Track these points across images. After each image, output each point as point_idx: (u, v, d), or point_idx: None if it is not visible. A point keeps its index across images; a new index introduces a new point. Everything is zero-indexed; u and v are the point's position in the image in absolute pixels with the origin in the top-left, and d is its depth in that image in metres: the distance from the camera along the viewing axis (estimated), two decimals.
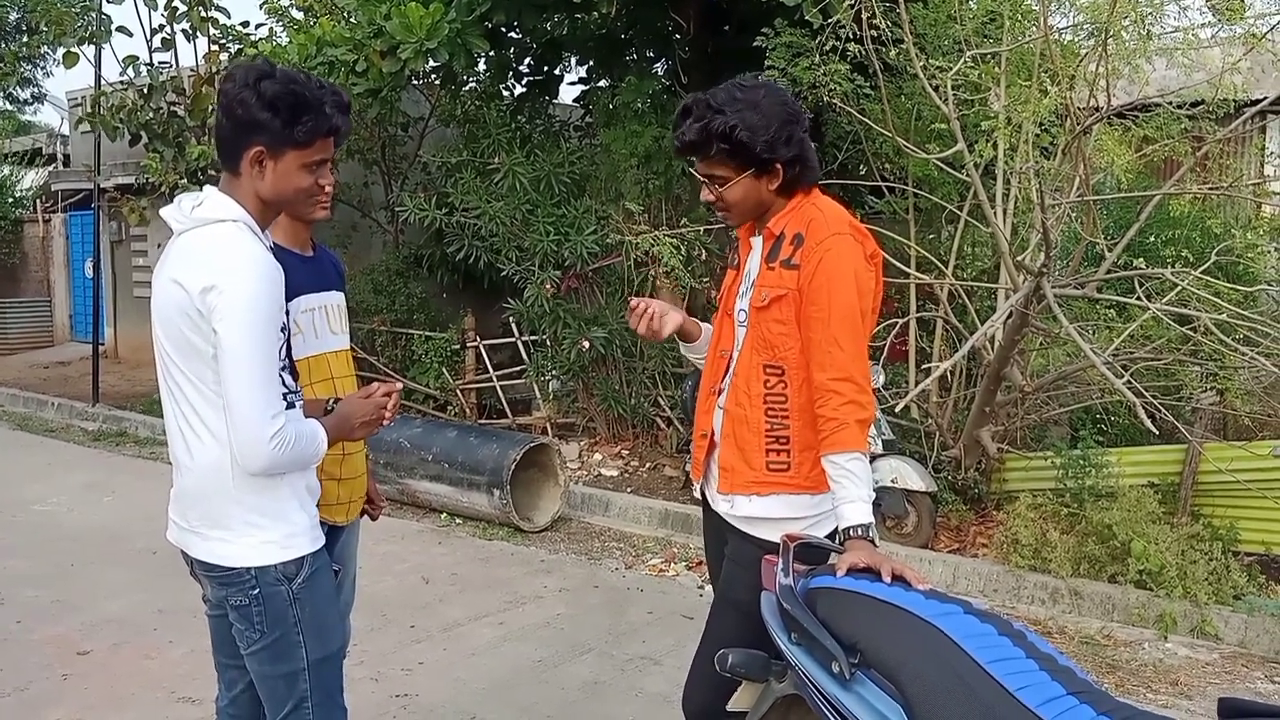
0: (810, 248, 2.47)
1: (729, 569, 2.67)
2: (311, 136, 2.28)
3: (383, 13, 7.80)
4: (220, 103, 2.29)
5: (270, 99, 2.22)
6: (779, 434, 2.55)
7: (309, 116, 2.26)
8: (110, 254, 14.01)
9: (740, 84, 2.53)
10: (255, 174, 2.28)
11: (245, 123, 2.24)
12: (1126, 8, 5.06)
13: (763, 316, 2.54)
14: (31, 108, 25.86)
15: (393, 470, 7.04)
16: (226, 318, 2.15)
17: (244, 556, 2.30)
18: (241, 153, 2.26)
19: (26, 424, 10.74)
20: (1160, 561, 5.12)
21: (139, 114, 9.44)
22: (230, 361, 2.16)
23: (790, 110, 2.52)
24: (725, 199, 2.57)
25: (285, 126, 2.24)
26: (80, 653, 4.63)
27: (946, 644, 1.98)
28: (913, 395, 5.67)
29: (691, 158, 2.62)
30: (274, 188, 2.29)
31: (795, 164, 2.52)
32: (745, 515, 2.59)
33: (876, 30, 5.67)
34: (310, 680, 2.39)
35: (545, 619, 5.16)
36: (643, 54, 10.02)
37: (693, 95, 2.58)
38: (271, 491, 2.31)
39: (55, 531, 6.54)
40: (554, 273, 8.24)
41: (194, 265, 2.20)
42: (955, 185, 6.63)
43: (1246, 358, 5.28)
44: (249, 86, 2.22)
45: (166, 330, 2.27)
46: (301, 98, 2.26)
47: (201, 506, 2.33)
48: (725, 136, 2.46)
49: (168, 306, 2.25)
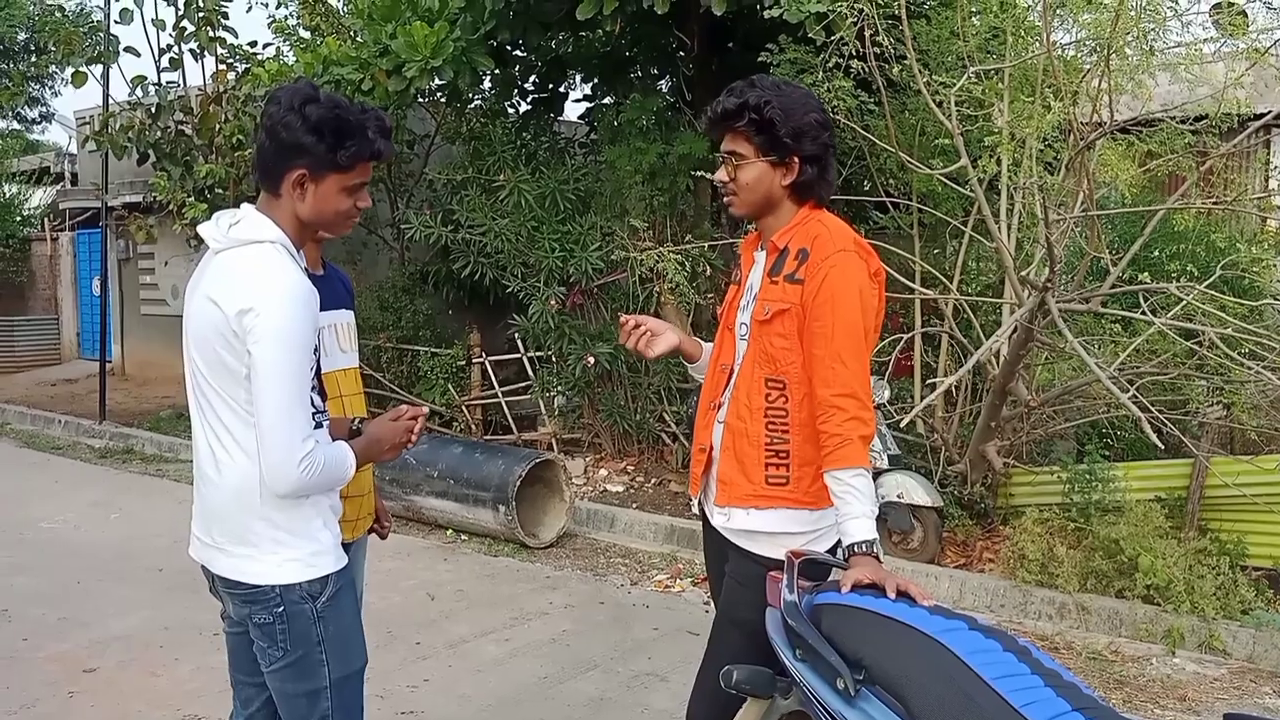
0: (815, 263, 2.48)
1: (730, 587, 2.66)
2: (354, 161, 2.30)
3: (388, 32, 7.85)
4: (264, 124, 2.31)
5: (315, 123, 2.24)
6: (778, 448, 2.55)
7: (352, 141, 2.28)
8: (118, 272, 14.06)
9: (784, 80, 2.61)
10: (296, 196, 2.30)
11: (289, 145, 2.26)
12: (1129, 23, 5.08)
13: (765, 330, 2.54)
14: (40, 127, 26.01)
15: (398, 487, 7.04)
16: (262, 340, 2.16)
17: (269, 574, 2.30)
18: (284, 175, 2.28)
19: (34, 441, 10.77)
20: (1168, 576, 5.10)
21: (147, 133, 9.49)
22: (264, 384, 2.17)
23: (822, 116, 2.58)
24: (739, 179, 2.58)
25: (329, 151, 2.26)
26: (87, 670, 4.63)
27: (951, 660, 1.98)
28: (918, 410, 5.67)
29: (717, 136, 2.64)
30: (314, 209, 2.31)
31: (813, 164, 2.55)
32: (742, 529, 2.59)
33: (880, 47, 5.69)
34: (332, 699, 2.38)
35: (551, 635, 5.15)
36: (647, 71, 10.06)
37: (739, 81, 2.62)
38: (297, 510, 2.32)
39: (62, 549, 6.55)
40: (559, 289, 8.26)
41: (231, 286, 2.22)
42: (959, 200, 6.64)
43: (1253, 372, 5.27)
44: (294, 110, 2.24)
45: (200, 348, 2.29)
46: (345, 122, 2.27)
47: (227, 523, 2.34)
48: (758, 109, 2.49)
49: (203, 325, 2.26)
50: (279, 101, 2.28)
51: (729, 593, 2.67)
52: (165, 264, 13.18)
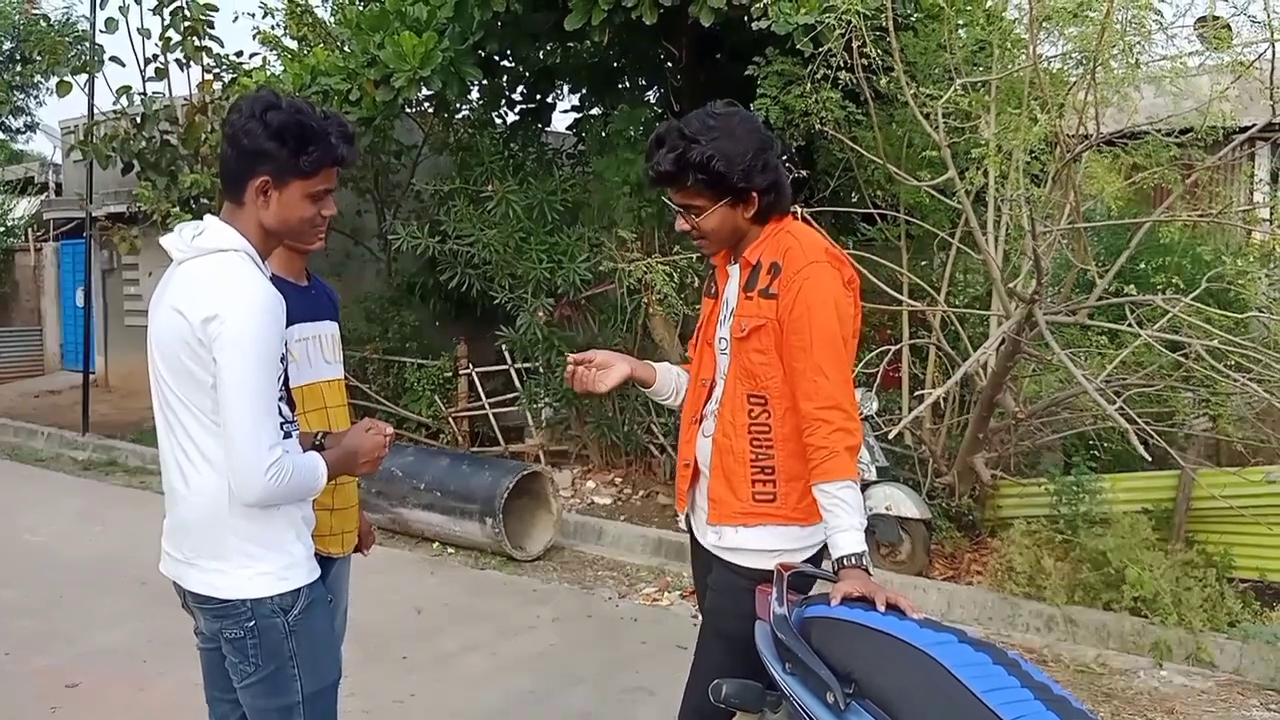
0: (788, 277, 2.46)
1: (714, 599, 2.66)
2: (317, 166, 2.29)
3: (377, 42, 7.84)
4: (226, 132, 2.30)
5: (277, 129, 2.23)
6: (764, 464, 2.53)
7: (315, 146, 2.28)
8: (101, 283, 13.98)
9: (712, 112, 2.52)
10: (260, 203, 2.28)
11: (251, 152, 2.25)
12: (1115, 37, 5.10)
13: (743, 347, 2.53)
14: (24, 137, 25.84)
15: (385, 499, 7.01)
16: (227, 348, 2.14)
17: (240, 588, 2.28)
18: (246, 182, 2.27)
19: (17, 453, 10.69)
20: (1155, 588, 5.10)
21: (132, 143, 9.44)
22: (230, 392, 2.15)
23: (763, 137, 2.52)
24: (702, 228, 2.56)
25: (291, 156, 2.25)
26: (70, 685, 4.58)
27: (941, 673, 1.98)
28: (906, 422, 5.68)
29: (666, 188, 2.60)
30: (278, 217, 2.30)
31: (770, 191, 2.52)
32: (732, 546, 2.58)
33: (867, 59, 5.71)
34: (305, 714, 2.36)
35: (538, 649, 5.13)
36: (635, 82, 10.08)
37: (665, 124, 2.56)
38: (269, 522, 2.29)
39: (45, 561, 6.49)
40: (547, 300, 8.25)
41: (196, 294, 2.20)
42: (947, 212, 6.66)
43: (1238, 384, 5.29)
44: (255, 117, 2.23)
45: (165, 358, 2.27)
46: (308, 127, 2.27)
47: (196, 537, 2.31)
48: (702, 166, 2.45)
49: (167, 335, 2.24)
50: (240, 110, 2.28)
51: (712, 604, 2.67)
52: (149, 275, 13.09)
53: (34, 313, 16.95)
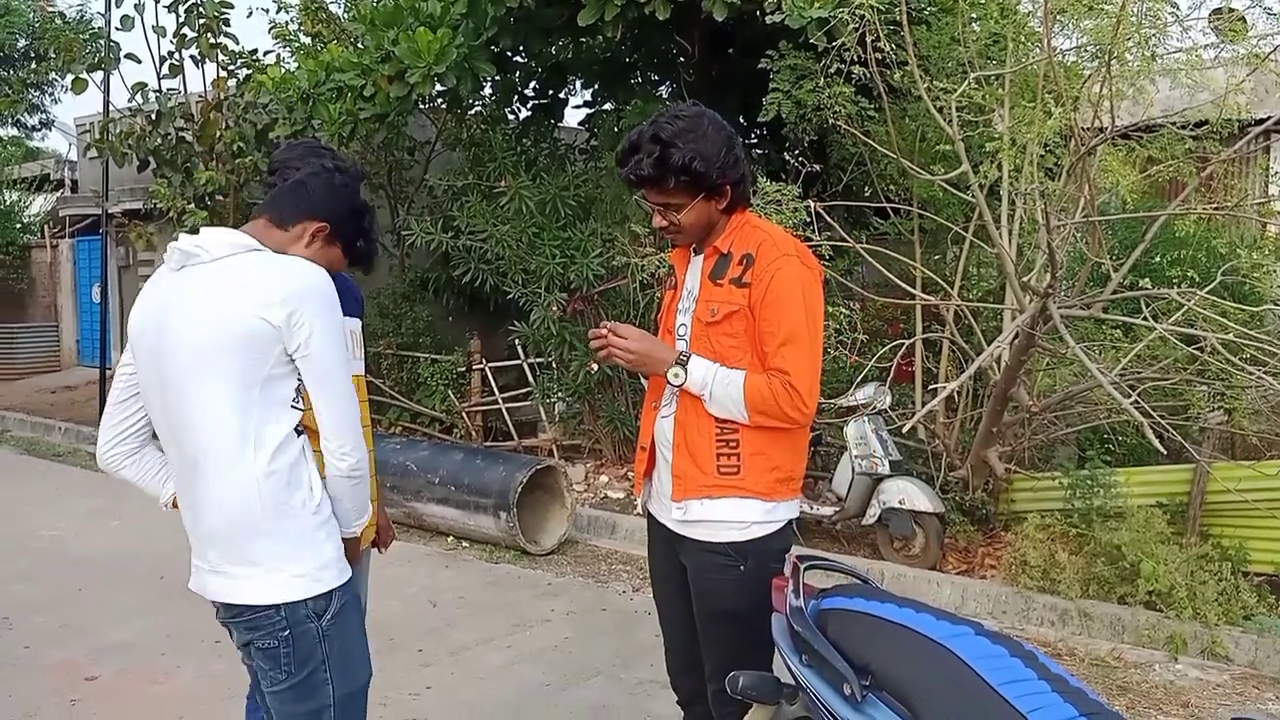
0: (761, 268, 2.57)
1: (696, 586, 2.73)
2: (359, 259, 2.58)
3: (391, 38, 7.87)
4: (324, 166, 2.51)
5: (361, 205, 2.53)
6: (728, 438, 2.61)
7: (368, 242, 2.59)
8: (117, 279, 14.03)
9: (679, 114, 2.62)
10: (303, 241, 2.39)
11: (339, 204, 2.45)
12: (1130, 29, 5.09)
13: (713, 331, 2.62)
14: (40, 134, 25.96)
15: (399, 493, 7.04)
16: (317, 332, 2.22)
17: (273, 594, 2.24)
18: (309, 219, 2.39)
19: (34, 448, 10.77)
20: (1169, 582, 5.09)
21: (147, 140, 9.49)
22: (327, 374, 2.26)
23: (729, 134, 2.64)
24: (681, 224, 2.66)
25: (356, 232, 2.50)
26: (88, 678, 4.62)
27: (958, 665, 1.98)
28: (919, 416, 5.67)
29: (640, 190, 2.70)
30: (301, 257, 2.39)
31: (740, 183, 2.65)
32: (697, 519, 2.65)
33: (881, 53, 5.70)
34: (335, 717, 2.33)
35: (553, 642, 5.15)
36: (647, 77, 10.08)
37: (636, 130, 2.66)
38: (298, 523, 2.26)
39: (62, 556, 6.54)
40: (560, 295, 8.26)
41: (258, 284, 2.20)
42: (960, 206, 6.64)
43: (1254, 377, 5.26)
44: (360, 179, 2.55)
45: (197, 363, 2.20)
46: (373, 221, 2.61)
47: (226, 544, 2.26)
48: (684, 169, 2.55)
49: (213, 335, 2.19)
50: (348, 164, 2.61)
51: (699, 591, 2.73)
52: None
53: (50, 309, 17.05)
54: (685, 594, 2.77)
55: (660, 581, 2.97)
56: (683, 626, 2.86)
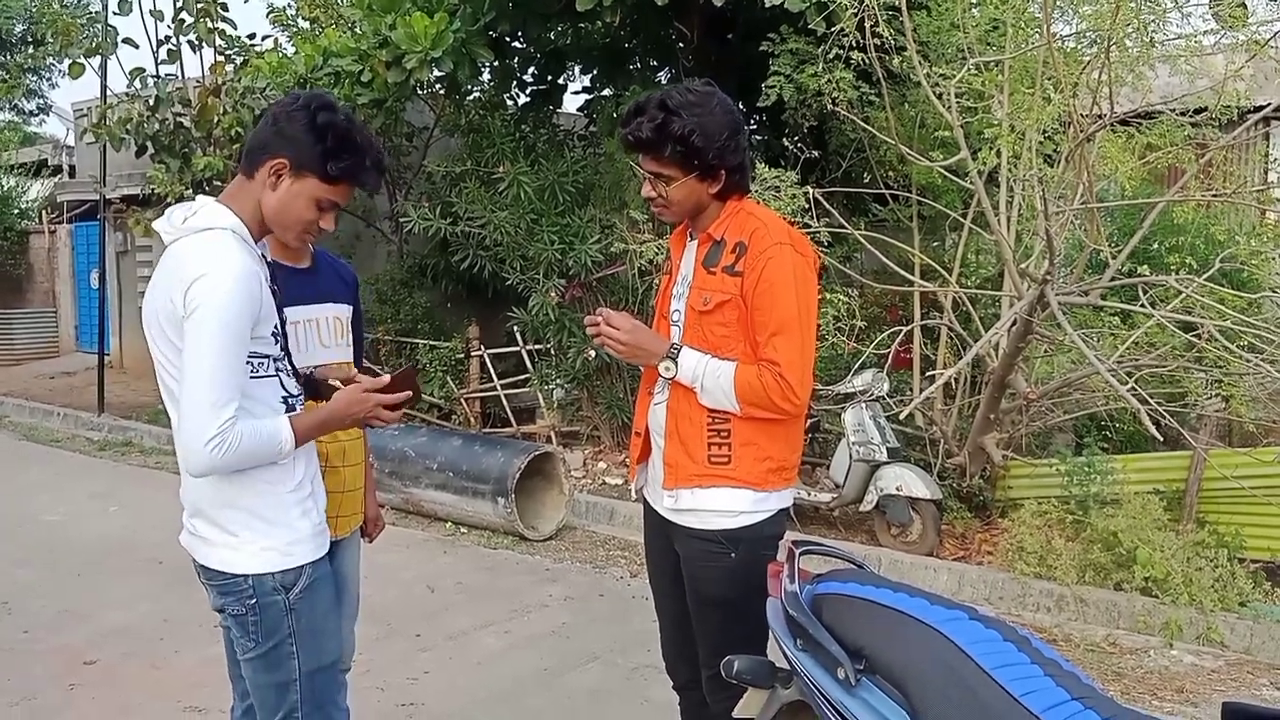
0: (754, 256, 2.55)
1: (689, 573, 2.74)
2: (341, 176, 2.31)
3: (388, 23, 7.84)
4: (272, 109, 2.33)
5: (321, 126, 2.26)
6: (719, 428, 2.61)
7: (349, 157, 2.29)
8: (115, 265, 14.03)
9: (691, 88, 2.61)
10: (269, 184, 2.29)
11: (285, 134, 2.27)
12: (1129, 15, 5.08)
13: (706, 319, 2.61)
14: (37, 119, 25.92)
15: (397, 479, 7.05)
16: (194, 314, 2.14)
17: (244, 563, 2.30)
18: (265, 159, 2.28)
19: (33, 434, 10.77)
20: (1165, 568, 5.11)
21: (145, 125, 9.45)
22: (186, 359, 2.15)
23: (736, 120, 2.63)
24: (669, 196, 2.65)
25: (321, 155, 2.27)
26: (87, 663, 4.63)
27: (952, 650, 1.99)
28: (917, 402, 5.68)
29: (637, 154, 2.68)
30: (279, 203, 2.30)
31: (737, 171, 2.63)
32: (689, 508, 2.66)
33: (880, 38, 5.69)
34: (302, 691, 2.38)
35: (551, 627, 5.16)
36: (646, 63, 10.05)
37: (645, 94, 2.66)
38: (274, 497, 2.30)
39: (62, 541, 6.55)
40: (558, 281, 8.26)
41: (178, 270, 2.21)
42: (959, 193, 6.64)
43: (1251, 364, 5.27)
44: (305, 108, 2.28)
45: (156, 338, 2.29)
46: (351, 139, 2.30)
47: (205, 513, 2.33)
48: (682, 139, 2.54)
49: (156, 313, 2.26)
50: (296, 98, 2.32)
51: (690, 577, 2.75)
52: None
53: (48, 294, 17.04)
54: (679, 580, 2.78)
55: (655, 567, 3.00)
56: (677, 612, 2.87)
